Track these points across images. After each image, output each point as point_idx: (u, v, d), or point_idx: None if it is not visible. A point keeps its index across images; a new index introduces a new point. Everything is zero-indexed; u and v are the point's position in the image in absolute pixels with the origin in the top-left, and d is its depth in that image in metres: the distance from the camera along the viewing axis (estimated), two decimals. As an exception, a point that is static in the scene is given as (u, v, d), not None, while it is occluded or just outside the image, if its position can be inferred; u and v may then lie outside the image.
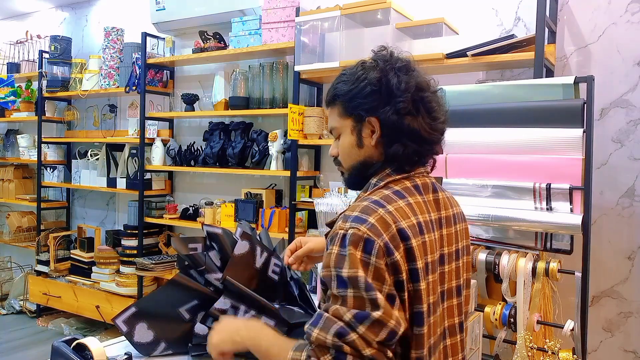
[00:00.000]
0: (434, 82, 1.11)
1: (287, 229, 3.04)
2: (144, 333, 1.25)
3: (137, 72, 3.70)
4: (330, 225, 1.09)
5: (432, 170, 1.15)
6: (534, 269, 1.98)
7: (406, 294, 0.94)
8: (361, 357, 0.88)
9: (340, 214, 1.02)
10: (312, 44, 2.95)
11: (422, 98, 1.04)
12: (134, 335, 1.24)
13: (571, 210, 1.94)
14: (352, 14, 2.71)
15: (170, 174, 3.99)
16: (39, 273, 4.35)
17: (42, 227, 4.51)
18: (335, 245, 0.94)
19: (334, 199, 2.67)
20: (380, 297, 0.89)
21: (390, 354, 0.91)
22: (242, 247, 1.38)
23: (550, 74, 2.42)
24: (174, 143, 3.75)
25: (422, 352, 0.96)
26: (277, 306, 1.36)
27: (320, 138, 2.96)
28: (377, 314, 0.88)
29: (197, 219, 3.54)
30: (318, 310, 0.96)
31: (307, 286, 1.73)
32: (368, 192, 1.05)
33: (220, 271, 1.35)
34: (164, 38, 3.78)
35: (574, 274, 1.97)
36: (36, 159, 4.47)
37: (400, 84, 1.02)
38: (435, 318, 1.02)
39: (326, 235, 1.07)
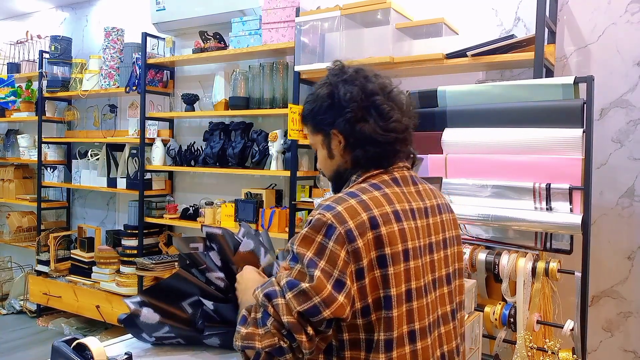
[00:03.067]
0: (390, 83, 1.16)
1: (287, 229, 3.04)
2: (150, 315, 1.28)
3: (137, 72, 3.70)
4: None
5: (413, 166, 1.21)
6: (533, 269, 1.98)
7: (367, 280, 0.98)
8: (280, 323, 0.94)
9: None
10: (312, 44, 2.95)
11: (373, 102, 1.10)
12: (140, 315, 1.26)
13: (571, 210, 1.94)
14: (352, 14, 2.71)
15: (171, 174, 3.99)
16: (39, 273, 4.36)
17: (42, 227, 4.51)
18: (303, 227, 1.02)
19: (334, 199, 2.67)
20: (317, 275, 0.94)
21: (310, 330, 0.94)
22: (246, 245, 1.40)
23: (550, 74, 2.42)
24: (174, 143, 3.75)
25: (390, 335, 0.99)
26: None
27: (320, 138, 2.95)
28: (305, 285, 0.94)
29: (197, 219, 3.54)
30: None
31: None
32: (348, 187, 1.12)
33: (221, 270, 1.35)
34: (164, 38, 3.79)
35: (573, 274, 1.97)
36: (36, 159, 4.47)
37: (346, 95, 1.09)
38: (420, 303, 1.04)
39: None
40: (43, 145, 4.44)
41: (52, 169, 4.43)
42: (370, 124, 1.09)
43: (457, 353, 1.16)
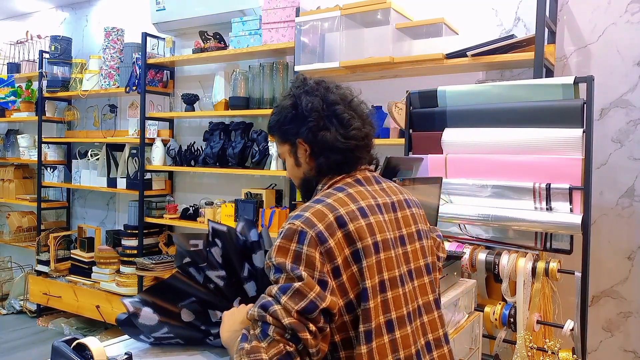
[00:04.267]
0: (351, 93, 1.22)
1: (287, 229, 3.04)
2: (149, 316, 1.28)
3: (137, 72, 3.70)
4: None
5: (376, 169, 1.27)
6: (533, 269, 1.99)
7: (345, 276, 1.02)
8: (282, 327, 0.95)
9: None
10: (312, 44, 2.95)
11: (334, 112, 1.16)
12: (139, 316, 1.27)
13: (571, 210, 1.94)
14: (352, 14, 2.71)
15: (171, 174, 3.99)
16: (39, 273, 4.36)
17: (42, 227, 4.51)
18: (276, 240, 1.05)
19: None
20: (304, 274, 0.98)
21: (312, 326, 0.96)
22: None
23: (550, 74, 2.42)
24: (174, 143, 3.75)
25: (369, 325, 1.02)
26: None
27: (320, 138, 2.95)
28: (297, 284, 0.97)
29: (197, 219, 3.54)
30: None
31: None
32: (315, 195, 1.16)
33: (222, 268, 1.35)
34: (164, 38, 3.79)
35: (573, 274, 1.97)
36: (36, 159, 4.47)
37: (308, 105, 1.15)
38: (395, 293, 1.08)
39: None
40: (43, 145, 4.44)
41: (52, 169, 4.43)
42: (332, 132, 1.14)
43: (445, 341, 1.18)
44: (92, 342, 1.07)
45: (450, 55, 2.44)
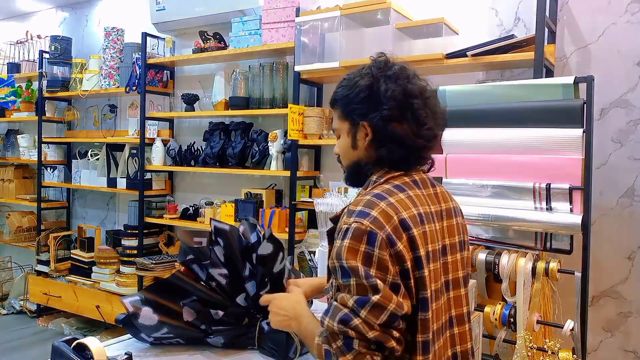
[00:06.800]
0: (430, 87, 1.15)
1: (287, 229, 3.04)
2: (149, 316, 1.28)
3: (137, 72, 3.70)
4: (334, 220, 1.14)
5: (429, 170, 1.20)
6: (533, 269, 1.98)
7: (412, 281, 1.00)
8: (366, 340, 0.95)
9: (345, 209, 1.07)
10: (312, 44, 2.95)
11: (410, 105, 1.08)
12: (139, 317, 1.26)
13: (571, 210, 1.94)
14: (352, 14, 2.71)
15: (171, 174, 3.99)
16: (39, 273, 4.36)
17: (42, 227, 4.51)
18: (340, 239, 1.00)
19: (334, 199, 2.67)
20: (379, 283, 0.95)
21: (396, 334, 0.96)
22: (266, 248, 1.37)
23: (550, 74, 2.42)
24: (174, 143, 3.75)
25: (427, 336, 1.01)
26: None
27: (320, 138, 2.96)
28: (376, 297, 0.95)
29: (197, 219, 3.54)
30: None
31: None
32: (369, 188, 1.11)
33: (224, 267, 1.35)
34: (164, 38, 3.79)
35: (574, 274, 1.97)
36: (36, 159, 4.47)
37: (387, 92, 1.07)
38: (438, 305, 1.06)
39: (328, 231, 1.14)
40: (43, 145, 4.44)
41: (52, 169, 4.43)
42: (404, 126, 1.08)
43: (471, 354, 1.17)
44: (92, 342, 1.07)
45: (450, 55, 2.44)
